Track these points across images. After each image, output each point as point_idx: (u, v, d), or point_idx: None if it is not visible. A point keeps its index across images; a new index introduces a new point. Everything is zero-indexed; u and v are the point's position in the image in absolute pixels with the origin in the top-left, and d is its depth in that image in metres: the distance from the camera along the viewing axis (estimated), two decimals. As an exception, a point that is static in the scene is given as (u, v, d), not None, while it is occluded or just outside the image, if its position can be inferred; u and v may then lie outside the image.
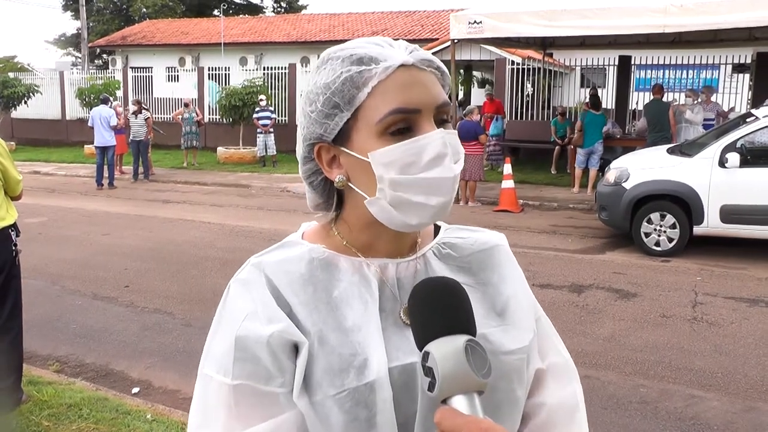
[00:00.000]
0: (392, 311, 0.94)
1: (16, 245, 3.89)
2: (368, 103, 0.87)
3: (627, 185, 8.32)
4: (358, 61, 0.88)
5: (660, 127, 11.43)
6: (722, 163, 7.80)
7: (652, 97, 12.06)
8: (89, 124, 14.66)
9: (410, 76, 0.88)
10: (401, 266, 0.97)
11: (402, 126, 0.87)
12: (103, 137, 14.24)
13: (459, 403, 0.75)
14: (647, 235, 8.19)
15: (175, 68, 25.73)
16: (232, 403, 0.87)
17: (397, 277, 0.96)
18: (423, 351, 0.78)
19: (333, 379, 0.87)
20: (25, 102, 22.41)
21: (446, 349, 0.76)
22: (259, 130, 16.98)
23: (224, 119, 18.64)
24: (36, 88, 22.80)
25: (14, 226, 3.90)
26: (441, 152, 0.87)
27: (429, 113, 0.88)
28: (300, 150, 0.97)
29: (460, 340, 0.77)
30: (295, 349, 0.88)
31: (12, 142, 22.59)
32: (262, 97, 17.22)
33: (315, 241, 0.98)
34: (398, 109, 0.86)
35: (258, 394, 0.86)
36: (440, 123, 0.90)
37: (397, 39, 0.94)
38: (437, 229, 1.07)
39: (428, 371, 0.77)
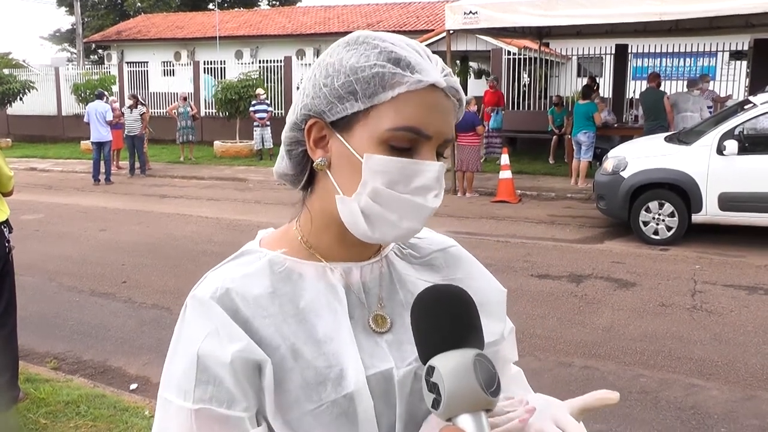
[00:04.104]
0: (360, 318, 0.91)
1: (9, 242, 3.87)
2: (387, 106, 0.83)
3: (625, 174, 8.30)
4: (396, 60, 0.83)
5: (656, 116, 11.37)
6: (720, 150, 7.78)
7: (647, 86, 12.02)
8: (85, 119, 14.65)
9: (436, 100, 0.85)
10: (365, 269, 0.94)
11: (406, 145, 0.84)
12: (100, 133, 14.20)
13: (465, 422, 0.71)
14: (646, 223, 8.17)
15: (170, 63, 25.61)
16: (194, 429, 0.81)
17: (362, 281, 0.93)
18: (427, 365, 0.74)
19: (310, 394, 0.83)
20: (21, 98, 22.29)
21: (453, 364, 0.72)
22: (255, 124, 16.92)
23: (220, 113, 18.59)
24: (31, 84, 22.68)
25: (6, 222, 3.87)
26: (431, 185, 0.85)
27: (435, 143, 0.86)
28: (292, 115, 0.92)
29: (469, 354, 0.72)
30: (258, 369, 0.83)
31: (8, 139, 22.55)
32: (261, 90, 17.15)
33: (273, 247, 0.94)
34: (414, 128, 0.83)
35: (221, 419, 0.81)
36: (438, 155, 0.87)
37: (395, 31, 0.89)
38: None
39: (432, 387, 0.72)
